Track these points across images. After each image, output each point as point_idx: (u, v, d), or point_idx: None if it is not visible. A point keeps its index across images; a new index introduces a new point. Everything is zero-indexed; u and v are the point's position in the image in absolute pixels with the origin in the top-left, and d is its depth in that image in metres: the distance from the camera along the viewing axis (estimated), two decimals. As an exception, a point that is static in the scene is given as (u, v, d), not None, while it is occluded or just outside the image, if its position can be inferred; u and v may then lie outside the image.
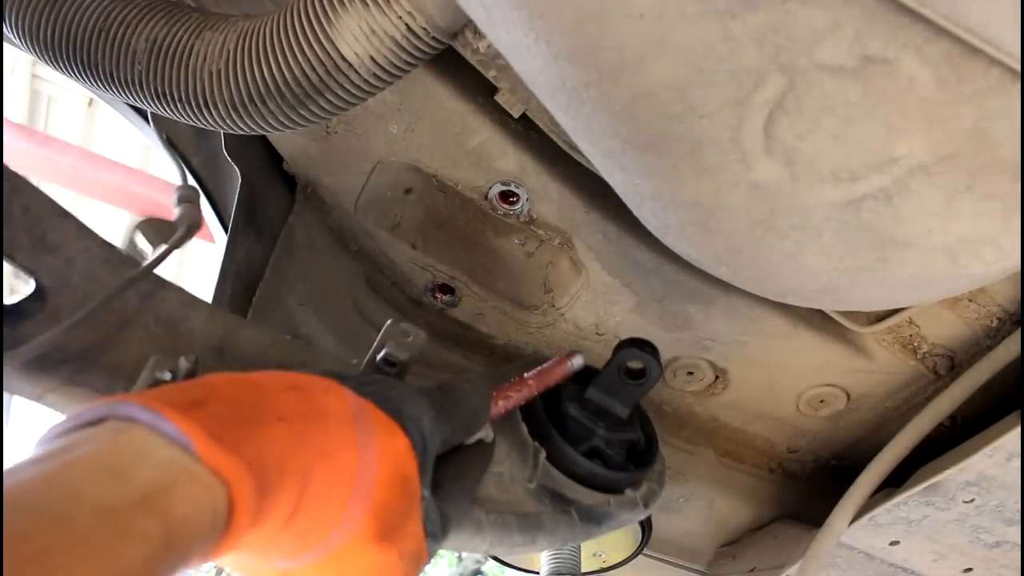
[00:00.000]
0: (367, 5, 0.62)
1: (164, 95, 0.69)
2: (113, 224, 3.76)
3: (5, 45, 0.74)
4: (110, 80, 0.70)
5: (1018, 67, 0.42)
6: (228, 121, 0.70)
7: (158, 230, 0.74)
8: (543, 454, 0.74)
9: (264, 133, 0.73)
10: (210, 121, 0.70)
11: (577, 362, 0.78)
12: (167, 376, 0.57)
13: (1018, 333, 0.92)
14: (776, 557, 1.15)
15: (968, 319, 0.95)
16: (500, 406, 0.71)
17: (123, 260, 0.67)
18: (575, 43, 0.49)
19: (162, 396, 0.41)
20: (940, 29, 0.41)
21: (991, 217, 0.50)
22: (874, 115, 0.45)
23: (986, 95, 0.43)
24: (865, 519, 1.04)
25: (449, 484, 0.61)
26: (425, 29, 0.63)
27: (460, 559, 6.79)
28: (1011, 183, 0.48)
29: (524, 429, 0.75)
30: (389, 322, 0.68)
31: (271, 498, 0.43)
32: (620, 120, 0.52)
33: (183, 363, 0.58)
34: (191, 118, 0.71)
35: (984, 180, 0.48)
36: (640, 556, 1.20)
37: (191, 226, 0.71)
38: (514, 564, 1.25)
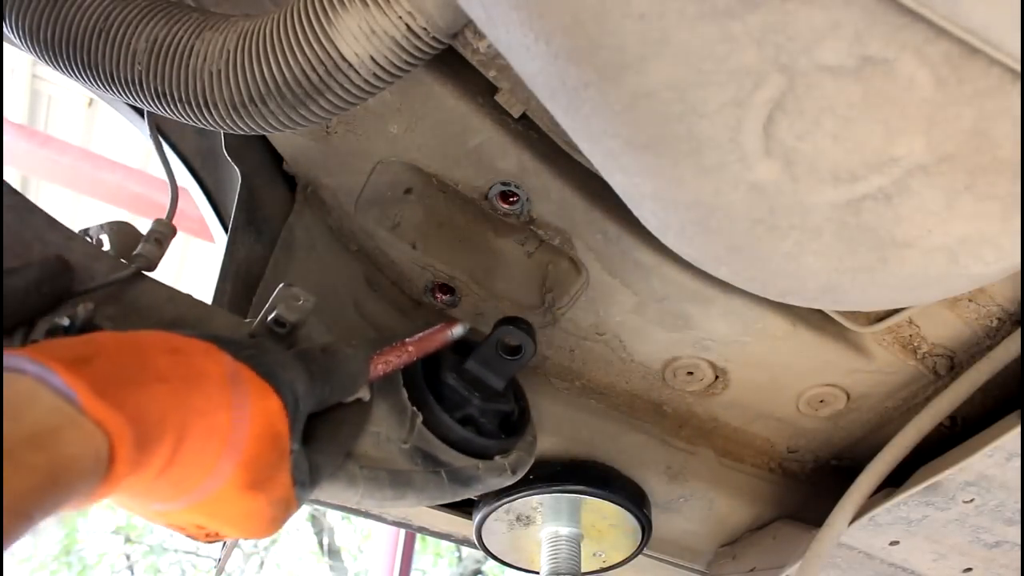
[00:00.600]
0: (367, 5, 0.62)
1: (164, 95, 0.69)
2: (113, 224, 3.75)
3: (5, 45, 0.74)
4: (110, 80, 0.70)
5: (1018, 67, 0.42)
6: (228, 121, 0.70)
7: (124, 236, 0.75)
8: (420, 418, 0.79)
9: (264, 133, 0.73)
10: (210, 121, 0.70)
11: (457, 331, 0.82)
12: (66, 321, 0.60)
13: (1018, 333, 0.92)
14: (776, 557, 1.15)
15: (968, 319, 0.95)
16: (379, 369, 0.75)
17: (30, 208, 0.68)
18: (575, 43, 0.49)
19: (50, 351, 0.45)
20: (940, 29, 0.41)
21: (991, 217, 0.50)
22: (874, 115, 0.46)
23: (986, 95, 0.43)
24: (865, 519, 1.04)
25: (324, 438, 0.67)
26: (425, 29, 0.63)
27: (460, 559, 6.79)
28: (1011, 183, 0.48)
29: (404, 394, 0.80)
30: (281, 285, 0.73)
31: (148, 450, 0.47)
32: (620, 120, 0.52)
33: (81, 310, 0.61)
34: (191, 118, 0.71)
35: (984, 180, 0.48)
36: (640, 556, 1.20)
37: (142, 267, 0.72)
38: (514, 564, 1.25)
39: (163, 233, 0.75)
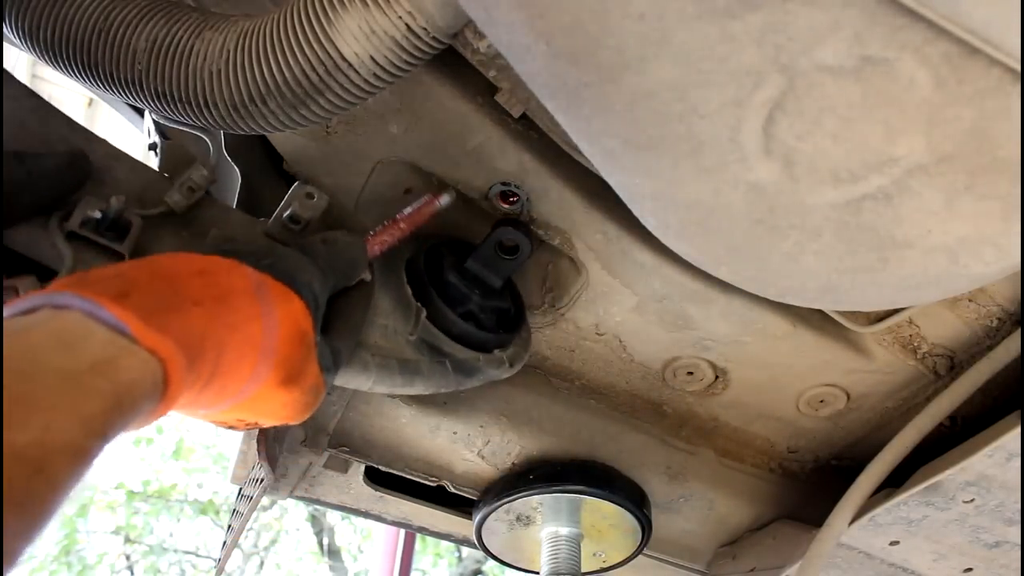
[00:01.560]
0: (367, 5, 0.62)
1: (164, 95, 0.69)
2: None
3: (5, 45, 0.74)
4: (110, 80, 0.70)
5: (1018, 67, 0.42)
6: (228, 121, 0.70)
7: (176, 156, 0.78)
8: (424, 313, 0.83)
9: (264, 133, 0.73)
10: (210, 121, 0.70)
11: (444, 200, 0.85)
12: (98, 214, 0.64)
13: (1018, 333, 0.92)
14: (776, 557, 1.15)
15: (968, 319, 0.95)
16: (376, 249, 0.79)
17: (50, 110, 0.71)
18: (575, 43, 0.49)
19: (93, 287, 0.47)
20: (940, 29, 0.41)
21: (991, 217, 0.50)
22: (874, 115, 0.45)
23: (986, 95, 0.43)
24: (865, 519, 1.04)
25: (338, 324, 0.72)
26: (425, 29, 0.63)
27: (460, 559, 6.79)
28: (1011, 183, 0.48)
29: (408, 290, 0.85)
30: (296, 184, 0.77)
31: (195, 369, 0.50)
32: (620, 120, 0.52)
33: (114, 203, 0.64)
34: (191, 118, 0.71)
35: (984, 180, 0.48)
36: (640, 556, 1.20)
37: (163, 212, 0.73)
38: (514, 564, 1.25)
39: (198, 184, 0.75)
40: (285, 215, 0.78)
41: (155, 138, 0.78)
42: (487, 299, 0.89)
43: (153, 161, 0.78)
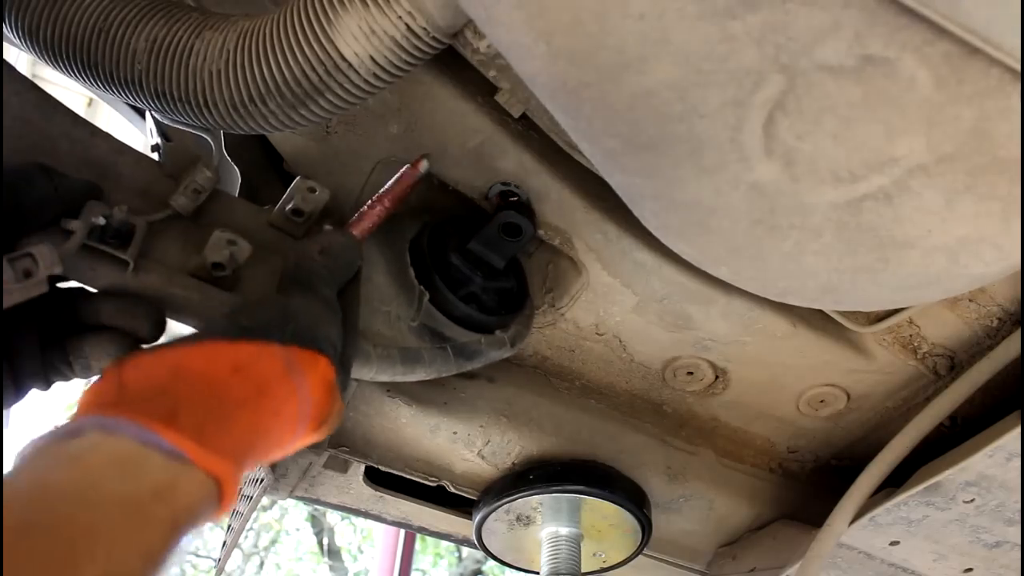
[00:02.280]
0: (367, 5, 0.62)
1: (164, 95, 0.69)
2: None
3: (5, 45, 0.74)
4: (110, 80, 0.70)
5: (1018, 67, 0.42)
6: (228, 121, 0.70)
7: (180, 156, 0.79)
8: (427, 296, 0.84)
9: (264, 133, 0.73)
10: (210, 121, 0.70)
11: (424, 166, 0.84)
12: (102, 221, 0.64)
13: (1018, 333, 0.92)
14: (776, 557, 1.15)
15: (968, 319, 0.95)
16: (364, 234, 0.80)
17: (54, 105, 0.71)
18: (575, 43, 0.49)
19: (139, 408, 0.47)
20: (940, 29, 0.41)
21: (991, 217, 0.50)
22: (874, 115, 0.45)
23: (986, 95, 0.43)
24: (865, 519, 1.04)
25: (346, 329, 0.71)
26: (425, 29, 0.63)
27: (460, 559, 6.79)
28: (1011, 183, 0.48)
29: (412, 273, 0.86)
30: (298, 178, 0.78)
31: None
32: (620, 120, 0.52)
33: (117, 212, 0.64)
34: (191, 118, 0.71)
35: (984, 180, 0.48)
36: (640, 556, 1.20)
37: (169, 215, 0.73)
38: (514, 564, 1.25)
39: (202, 186, 0.75)
40: (288, 208, 0.78)
41: (157, 139, 0.78)
42: (489, 280, 0.90)
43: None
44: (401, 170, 0.84)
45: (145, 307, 0.67)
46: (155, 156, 0.79)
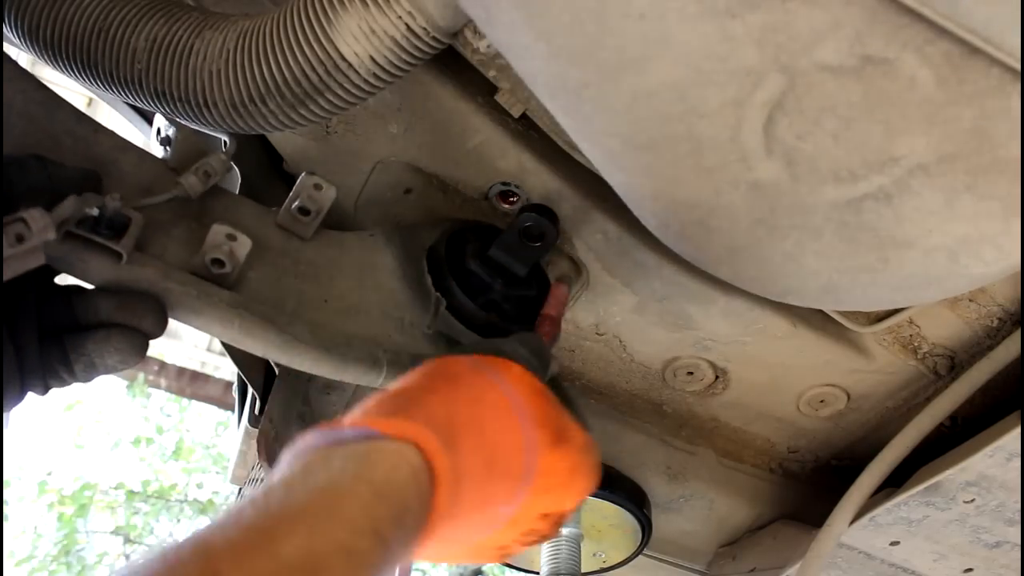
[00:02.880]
0: (367, 5, 0.62)
1: (164, 94, 0.69)
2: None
3: (5, 45, 0.74)
4: (110, 80, 0.70)
5: (1018, 67, 0.42)
6: (228, 121, 0.69)
7: (190, 145, 0.78)
8: (443, 304, 0.82)
9: (264, 133, 0.73)
10: (210, 121, 0.70)
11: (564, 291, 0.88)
12: (95, 211, 0.63)
13: (1018, 333, 0.92)
14: (776, 557, 1.15)
15: (968, 319, 0.95)
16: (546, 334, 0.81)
17: (58, 102, 0.71)
18: (575, 43, 0.49)
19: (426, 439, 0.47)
20: (940, 29, 0.41)
21: (991, 217, 0.50)
22: (874, 115, 0.45)
23: (986, 95, 0.43)
24: (865, 519, 1.04)
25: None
26: (425, 29, 0.63)
27: (460, 559, 6.78)
28: (1011, 183, 0.48)
29: (429, 280, 0.83)
30: (303, 174, 0.77)
31: (456, 447, 0.49)
32: (620, 120, 0.52)
33: (109, 202, 0.63)
34: (191, 118, 0.70)
35: (984, 180, 0.48)
36: (640, 556, 1.20)
37: (177, 196, 0.73)
38: (514, 564, 1.25)
39: (215, 168, 0.74)
40: (294, 207, 0.77)
41: (167, 133, 0.77)
42: (511, 288, 0.86)
43: (164, 154, 0.78)
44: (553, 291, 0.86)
45: (145, 301, 0.65)
46: (166, 150, 0.78)
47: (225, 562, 0.34)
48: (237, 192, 0.95)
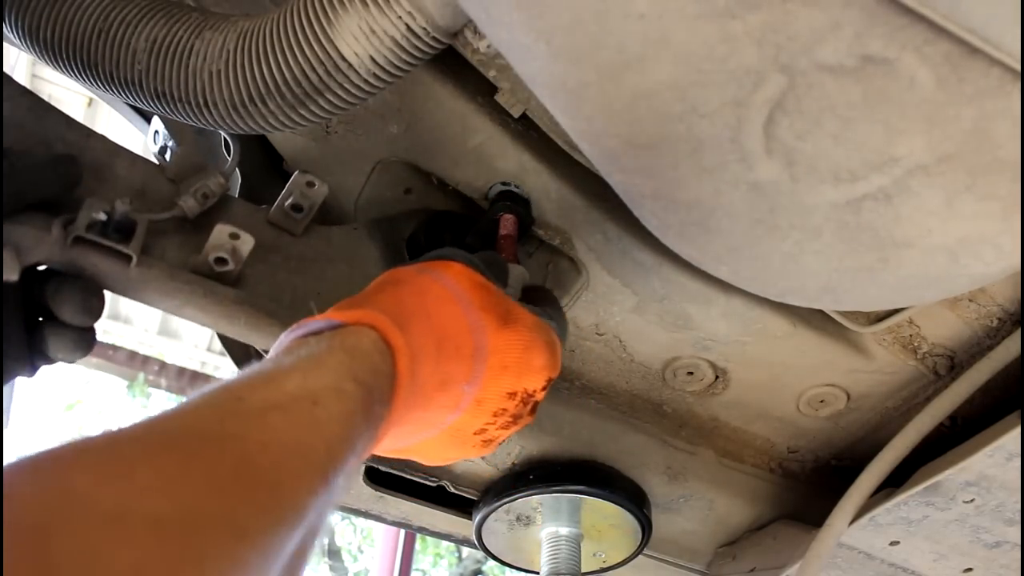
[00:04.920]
0: (367, 5, 0.62)
1: (164, 95, 0.69)
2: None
3: (5, 45, 0.74)
4: (110, 80, 0.70)
5: (1018, 67, 0.42)
6: (228, 121, 0.70)
7: (188, 162, 0.79)
8: None
9: (264, 133, 0.73)
10: (210, 121, 0.70)
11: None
12: (103, 216, 0.65)
13: (1018, 333, 0.92)
14: (776, 557, 1.15)
15: (968, 319, 0.95)
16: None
17: (47, 108, 0.72)
18: (575, 43, 0.49)
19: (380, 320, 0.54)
20: (940, 29, 0.41)
21: (991, 217, 0.50)
22: (874, 115, 0.46)
23: (986, 95, 0.43)
24: (865, 519, 1.03)
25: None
26: (425, 29, 0.63)
27: (460, 559, 6.79)
28: (1011, 183, 0.48)
29: None
30: (296, 172, 0.79)
31: (409, 329, 0.55)
32: (620, 120, 0.52)
33: (119, 205, 0.65)
34: (191, 118, 0.71)
35: (984, 180, 0.48)
36: (640, 556, 1.20)
37: (176, 215, 0.74)
38: (514, 564, 1.25)
39: (212, 191, 0.76)
40: (287, 204, 0.79)
41: (165, 142, 0.78)
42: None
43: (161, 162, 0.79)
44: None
45: (72, 287, 0.67)
46: (166, 158, 0.79)
47: (245, 391, 0.41)
48: (238, 192, 0.95)
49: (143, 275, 0.68)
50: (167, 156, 0.80)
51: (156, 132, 0.81)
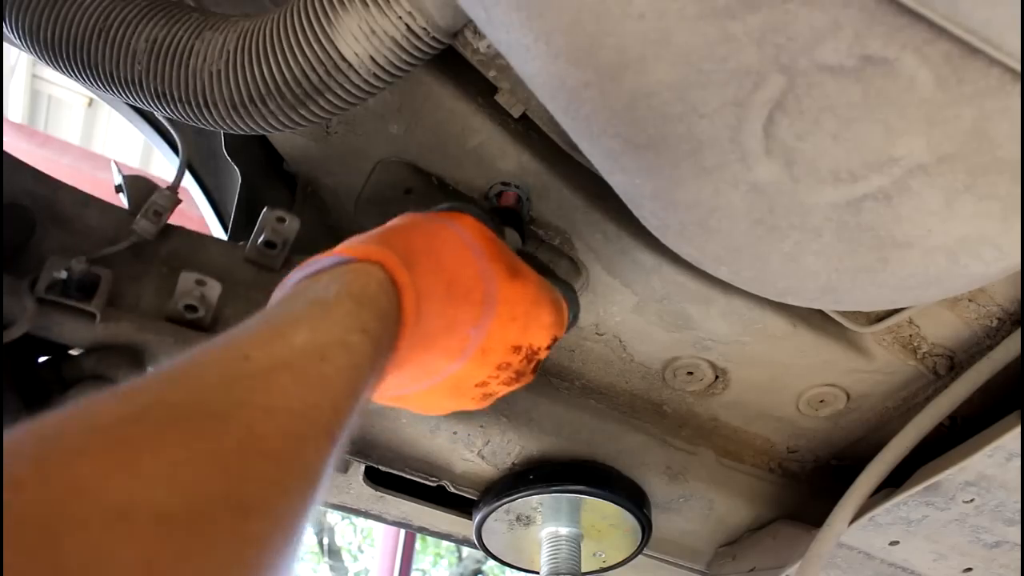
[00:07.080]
0: (367, 5, 0.62)
1: (164, 95, 0.69)
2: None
3: (5, 45, 0.75)
4: (110, 80, 0.70)
5: (1018, 67, 0.42)
6: (228, 121, 0.70)
7: (138, 189, 0.78)
8: None
9: (264, 133, 0.73)
10: (210, 121, 0.70)
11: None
12: (63, 275, 0.65)
13: (1018, 333, 0.92)
14: (776, 557, 1.15)
15: (968, 319, 0.95)
16: None
17: (16, 164, 0.72)
18: (575, 43, 0.49)
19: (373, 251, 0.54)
20: (940, 29, 0.41)
21: (991, 217, 0.50)
22: (874, 115, 0.46)
23: (986, 95, 0.43)
24: (865, 519, 1.03)
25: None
26: (425, 29, 0.63)
27: (460, 559, 6.79)
28: (1011, 183, 0.48)
29: None
30: (266, 209, 0.78)
31: (416, 268, 0.55)
32: (620, 120, 0.52)
33: (75, 264, 0.65)
34: (191, 118, 0.71)
35: (984, 180, 0.48)
36: (640, 556, 1.20)
37: (135, 242, 0.74)
38: (514, 564, 1.25)
39: (163, 206, 0.75)
40: (260, 241, 0.78)
41: (119, 180, 0.78)
42: None
43: (122, 201, 0.79)
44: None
45: (122, 353, 0.68)
46: (121, 196, 0.79)
47: (252, 348, 0.40)
48: (237, 193, 0.95)
49: (110, 329, 0.67)
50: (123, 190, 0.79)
51: (114, 171, 0.81)
